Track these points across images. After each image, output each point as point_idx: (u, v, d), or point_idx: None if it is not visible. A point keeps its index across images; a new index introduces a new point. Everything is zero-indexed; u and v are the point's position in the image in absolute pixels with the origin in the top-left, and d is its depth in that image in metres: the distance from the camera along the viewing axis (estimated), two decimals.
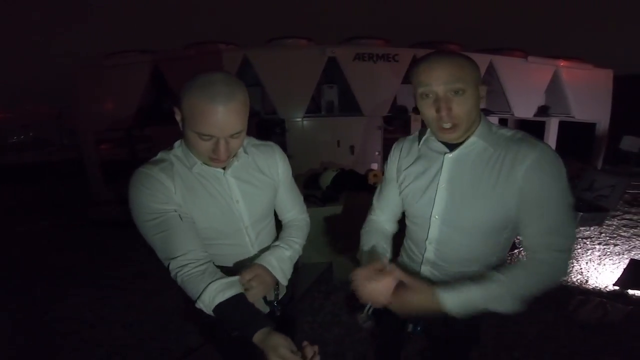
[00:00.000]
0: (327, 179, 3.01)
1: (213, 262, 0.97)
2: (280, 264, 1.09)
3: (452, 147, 0.95)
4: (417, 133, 1.10)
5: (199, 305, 0.89)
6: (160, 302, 2.72)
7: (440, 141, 0.96)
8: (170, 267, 0.91)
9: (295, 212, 1.24)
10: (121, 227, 3.98)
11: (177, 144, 1.02)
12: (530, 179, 0.84)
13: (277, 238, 1.21)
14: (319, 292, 2.76)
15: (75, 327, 2.49)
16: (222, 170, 1.01)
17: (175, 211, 0.94)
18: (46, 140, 9.67)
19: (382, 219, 1.19)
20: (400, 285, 0.91)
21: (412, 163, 1.05)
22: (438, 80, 0.83)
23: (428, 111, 0.88)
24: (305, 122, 4.51)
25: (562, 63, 5.24)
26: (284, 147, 4.45)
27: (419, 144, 1.04)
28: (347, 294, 2.63)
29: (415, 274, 1.08)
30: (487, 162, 0.90)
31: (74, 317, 2.61)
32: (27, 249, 3.95)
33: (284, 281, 1.10)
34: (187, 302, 0.96)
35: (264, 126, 4.62)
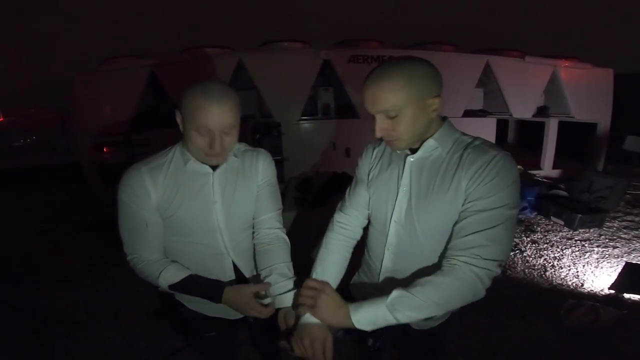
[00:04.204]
0: (319, 182, 3.01)
1: (188, 265, 1.10)
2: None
3: (414, 150, 0.95)
4: None
5: (160, 283, 1.06)
6: (151, 304, 2.74)
7: None
8: (130, 259, 1.11)
9: (269, 217, 1.17)
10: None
11: (177, 145, 1.10)
12: (473, 184, 0.85)
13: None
14: None
15: (68, 327, 2.52)
16: (211, 171, 1.06)
17: (146, 217, 1.04)
18: (49, 144, 9.74)
19: (351, 222, 1.15)
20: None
21: (382, 166, 1.04)
22: (371, 106, 0.88)
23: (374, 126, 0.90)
24: (301, 125, 4.51)
25: (560, 63, 5.19)
26: (280, 150, 4.46)
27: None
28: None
29: (374, 285, 1.08)
30: (440, 165, 0.91)
31: (67, 318, 2.65)
32: (26, 252, 3.98)
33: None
34: (161, 298, 1.07)
35: (260, 129, 4.63)
